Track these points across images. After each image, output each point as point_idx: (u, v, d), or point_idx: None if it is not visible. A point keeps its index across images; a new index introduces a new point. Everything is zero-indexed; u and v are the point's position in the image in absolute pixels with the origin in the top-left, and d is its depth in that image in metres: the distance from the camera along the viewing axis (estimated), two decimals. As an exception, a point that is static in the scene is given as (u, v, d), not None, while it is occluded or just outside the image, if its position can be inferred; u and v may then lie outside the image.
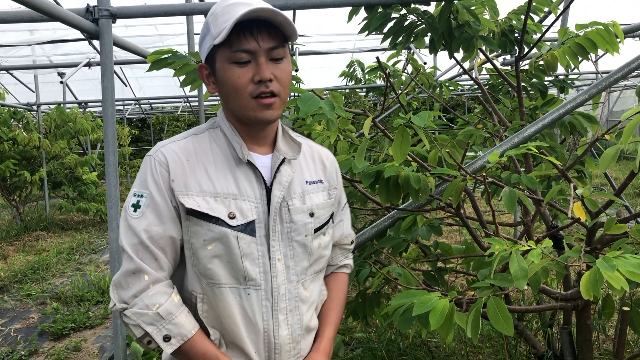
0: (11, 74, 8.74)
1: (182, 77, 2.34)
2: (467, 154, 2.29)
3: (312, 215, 1.39)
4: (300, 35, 7.04)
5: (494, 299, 1.57)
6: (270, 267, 1.31)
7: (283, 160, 1.37)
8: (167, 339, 1.23)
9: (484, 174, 1.85)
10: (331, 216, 1.48)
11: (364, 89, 8.05)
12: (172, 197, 1.27)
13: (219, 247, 1.27)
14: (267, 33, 1.24)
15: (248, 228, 1.29)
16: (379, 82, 7.50)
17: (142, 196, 1.28)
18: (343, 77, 7.73)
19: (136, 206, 1.28)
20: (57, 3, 5.43)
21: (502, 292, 1.70)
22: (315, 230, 1.40)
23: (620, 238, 1.86)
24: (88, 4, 2.48)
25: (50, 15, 2.24)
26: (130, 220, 1.27)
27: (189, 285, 1.32)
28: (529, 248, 1.55)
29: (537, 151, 1.78)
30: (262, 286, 1.30)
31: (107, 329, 4.67)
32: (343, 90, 8.45)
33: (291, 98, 1.98)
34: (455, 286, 4.09)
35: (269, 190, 1.34)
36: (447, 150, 2.09)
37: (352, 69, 7.58)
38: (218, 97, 1.43)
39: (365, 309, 2.69)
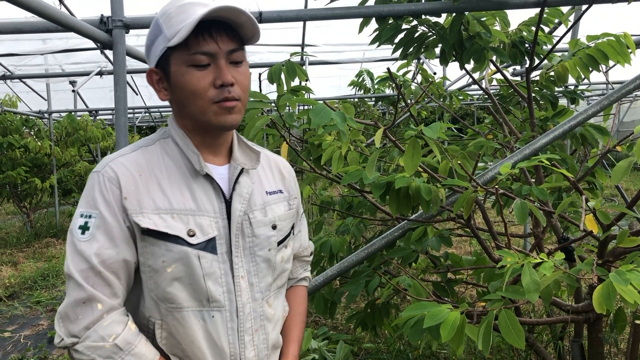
0: (24, 82, 8.83)
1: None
2: (477, 164, 2.29)
3: (274, 227, 1.32)
4: (309, 45, 7.07)
5: (506, 312, 1.56)
6: (234, 285, 1.22)
7: (241, 171, 1.28)
8: None
9: (496, 186, 1.85)
10: (292, 227, 1.41)
11: (373, 99, 8.06)
12: (124, 217, 1.16)
13: (180, 269, 1.17)
14: (226, 35, 1.17)
15: (209, 245, 1.20)
16: (388, 91, 7.51)
17: (90, 216, 1.16)
18: (352, 86, 7.75)
19: (84, 228, 1.15)
20: (71, 13, 5.50)
21: (513, 304, 1.70)
22: (278, 243, 1.32)
23: (632, 251, 1.85)
24: (102, 15, 2.50)
25: (65, 26, 2.27)
26: (78, 244, 1.14)
27: (146, 311, 1.21)
28: (541, 261, 1.54)
29: (548, 163, 1.78)
30: (227, 307, 1.21)
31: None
32: (352, 100, 8.48)
33: (302, 109, 1.99)
34: (464, 297, 4.07)
35: (228, 204, 1.25)
36: (458, 161, 2.09)
37: (361, 79, 7.59)
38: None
39: (374, 320, 2.68)
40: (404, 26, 2.58)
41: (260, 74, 2.58)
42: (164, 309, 1.19)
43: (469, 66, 2.72)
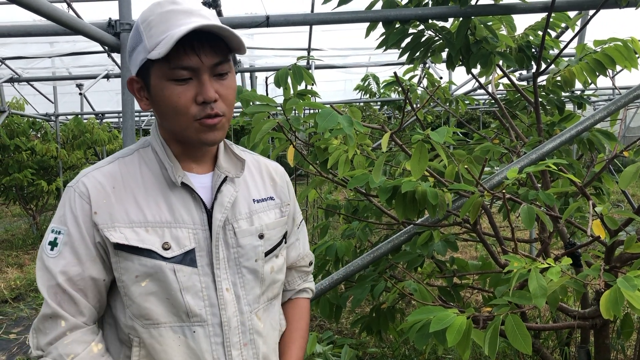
0: (31, 85, 8.88)
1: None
2: (484, 169, 2.28)
3: (261, 237, 1.25)
4: (315, 49, 7.08)
5: (513, 317, 1.56)
6: (217, 299, 1.17)
7: (225, 179, 1.23)
8: None
9: (503, 191, 1.85)
10: (284, 236, 1.35)
11: (379, 103, 8.06)
12: (94, 233, 1.13)
13: (154, 283, 1.13)
14: (210, 47, 1.09)
15: (187, 258, 1.15)
16: (394, 95, 7.51)
17: (59, 233, 1.14)
18: (358, 90, 7.76)
19: (53, 244, 1.13)
20: (79, 16, 5.53)
21: (519, 309, 1.69)
22: (267, 254, 1.26)
23: (640, 257, 1.84)
24: (110, 18, 2.52)
25: (73, 29, 2.28)
26: (46, 260, 1.13)
27: (125, 328, 1.17)
28: (548, 266, 1.54)
29: (555, 168, 1.78)
30: (209, 321, 1.16)
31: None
32: (358, 104, 8.48)
33: (309, 114, 1.99)
34: (470, 302, 4.05)
35: (210, 214, 1.19)
36: (464, 166, 2.09)
37: (367, 83, 7.60)
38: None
39: (379, 324, 2.68)
40: (411, 30, 2.59)
41: (267, 78, 2.59)
42: (141, 325, 1.15)
43: (476, 71, 2.72)
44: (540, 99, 2.91)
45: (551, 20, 2.59)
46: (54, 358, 1.10)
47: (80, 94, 6.95)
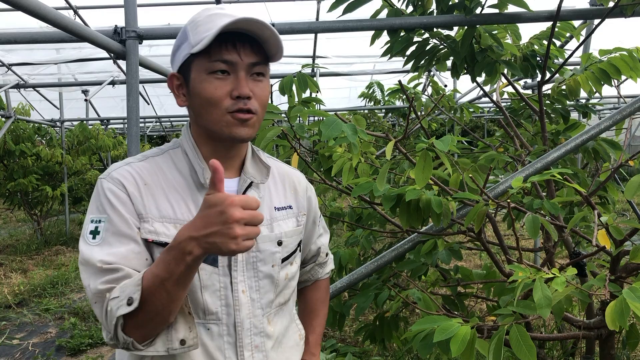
0: (37, 91, 8.93)
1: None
2: (489, 177, 2.28)
3: (280, 244, 1.30)
4: (320, 57, 7.09)
5: (517, 327, 1.55)
6: (232, 299, 1.20)
7: (250, 184, 1.27)
8: (130, 302, 1.03)
9: (508, 200, 1.84)
10: (299, 244, 1.38)
11: (383, 110, 8.07)
12: (134, 219, 1.15)
13: None
14: (250, 47, 1.16)
15: (210, 258, 1.18)
16: (398, 103, 7.52)
17: (99, 221, 1.15)
18: (362, 98, 7.78)
19: (95, 232, 1.15)
20: (85, 23, 5.57)
21: (524, 319, 1.68)
22: (283, 260, 1.30)
23: (646, 267, 1.83)
24: (116, 25, 2.53)
25: (80, 37, 2.29)
26: (89, 250, 1.12)
27: None
28: (553, 276, 1.53)
29: (561, 177, 1.77)
30: (224, 320, 1.19)
31: (123, 345, 4.68)
32: (362, 111, 8.50)
33: (313, 121, 1.99)
34: (474, 311, 4.03)
35: None
36: (469, 174, 2.08)
37: (371, 90, 7.62)
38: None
39: (383, 333, 2.66)
40: (416, 39, 2.59)
41: (271, 85, 2.59)
42: None
43: (480, 79, 2.72)
44: (545, 108, 2.90)
45: (556, 29, 2.59)
46: (105, 303, 1.06)
47: (86, 100, 6.97)
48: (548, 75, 2.69)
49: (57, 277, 6.77)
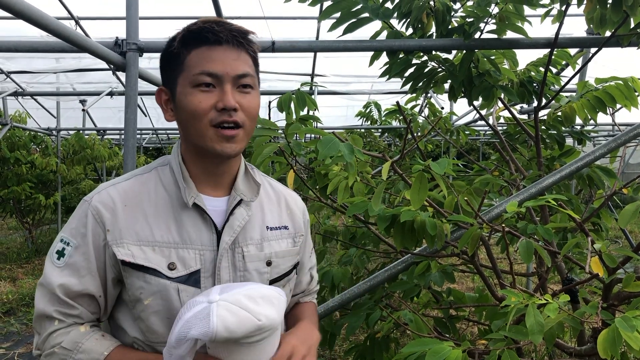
0: (35, 99, 8.93)
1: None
2: (483, 201, 2.28)
3: (269, 264, 1.26)
4: (318, 75, 7.14)
5: (509, 352, 1.54)
6: None
7: (240, 202, 1.25)
8: None
9: (503, 224, 1.84)
10: (294, 267, 1.35)
11: (380, 130, 8.10)
12: (103, 249, 1.16)
13: (158, 302, 1.15)
14: (236, 54, 1.17)
15: (191, 279, 1.16)
16: (395, 123, 7.56)
17: (68, 244, 1.17)
18: (359, 117, 7.81)
19: (60, 254, 1.16)
20: (86, 34, 5.59)
21: (516, 344, 1.68)
22: (272, 282, 1.27)
23: (638, 295, 1.83)
24: (117, 37, 2.54)
25: (80, 47, 2.30)
26: (51, 269, 1.16)
27: (130, 332, 1.20)
28: (546, 302, 1.53)
29: (555, 203, 1.78)
30: None
31: (110, 358, 4.62)
32: (359, 130, 8.53)
33: (311, 139, 1.99)
34: (465, 334, 4.01)
35: (220, 236, 1.21)
36: (464, 197, 2.09)
37: (368, 110, 7.65)
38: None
39: (373, 353, 2.64)
40: (414, 61, 2.61)
41: (270, 102, 2.60)
42: (146, 340, 1.18)
43: (477, 103, 2.74)
44: (540, 133, 2.92)
45: (552, 57, 2.62)
46: (47, 349, 1.14)
47: (83, 110, 6.99)
48: (544, 101, 2.72)
49: (46, 287, 6.70)
